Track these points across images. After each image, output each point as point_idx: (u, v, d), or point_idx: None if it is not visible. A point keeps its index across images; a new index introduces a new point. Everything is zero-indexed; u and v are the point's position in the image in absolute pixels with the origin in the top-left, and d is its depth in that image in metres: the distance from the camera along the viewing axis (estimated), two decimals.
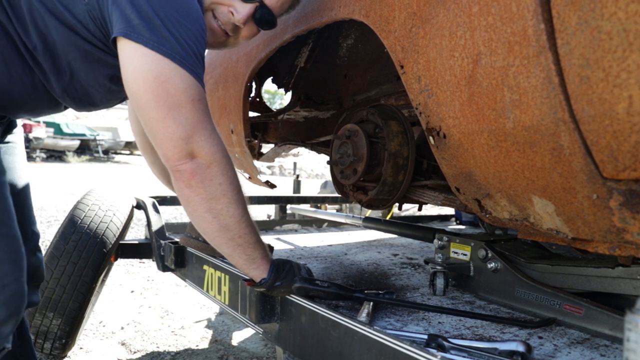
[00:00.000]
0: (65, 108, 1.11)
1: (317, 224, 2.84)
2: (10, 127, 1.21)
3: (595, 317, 0.97)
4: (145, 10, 0.82)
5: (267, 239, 2.18)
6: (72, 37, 0.92)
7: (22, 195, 1.23)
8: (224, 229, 0.95)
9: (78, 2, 0.90)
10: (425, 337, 0.90)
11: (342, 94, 2.05)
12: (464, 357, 0.84)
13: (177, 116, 0.84)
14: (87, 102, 1.07)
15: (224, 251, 0.99)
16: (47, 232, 4.49)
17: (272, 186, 2.14)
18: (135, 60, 0.84)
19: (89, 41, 0.93)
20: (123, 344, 2.22)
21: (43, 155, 17.22)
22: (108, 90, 1.04)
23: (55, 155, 18.14)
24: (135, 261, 3.68)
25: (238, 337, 2.34)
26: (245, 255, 1.00)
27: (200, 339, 2.31)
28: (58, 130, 17.86)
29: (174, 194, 2.06)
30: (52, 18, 0.90)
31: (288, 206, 3.12)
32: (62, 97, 1.03)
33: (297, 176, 4.20)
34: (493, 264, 1.19)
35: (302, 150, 2.37)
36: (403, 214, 4.06)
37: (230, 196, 0.93)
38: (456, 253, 1.33)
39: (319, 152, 2.12)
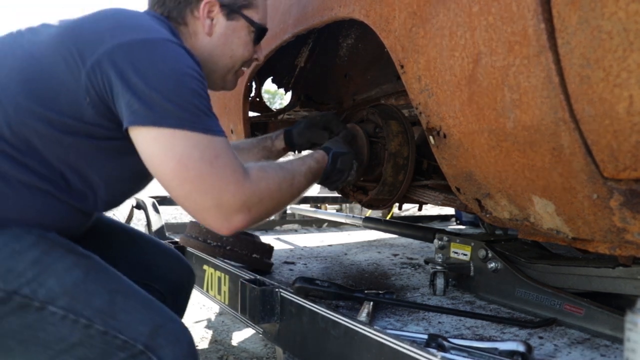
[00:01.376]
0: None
1: (317, 224, 2.84)
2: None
3: (595, 317, 0.97)
4: (141, 90, 0.79)
5: (267, 239, 2.18)
6: (93, 142, 0.88)
7: (122, 237, 1.21)
8: (291, 198, 1.01)
9: (82, 108, 0.84)
10: (426, 337, 0.90)
11: (342, 94, 2.04)
12: (464, 357, 0.83)
13: (202, 187, 0.83)
14: (123, 200, 1.05)
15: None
16: None
17: None
18: (148, 146, 0.82)
19: (109, 137, 0.88)
20: None
21: None
22: (145, 175, 0.99)
23: None
24: None
25: (238, 337, 2.33)
26: (309, 176, 1.07)
27: (200, 339, 2.31)
28: None
29: None
30: (69, 136, 0.85)
31: (288, 206, 3.12)
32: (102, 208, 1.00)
33: None
34: (493, 264, 1.19)
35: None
36: (403, 214, 4.06)
37: (278, 193, 0.94)
38: (456, 253, 1.33)
39: None
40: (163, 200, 2.35)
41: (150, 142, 0.81)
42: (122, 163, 0.93)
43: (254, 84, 1.93)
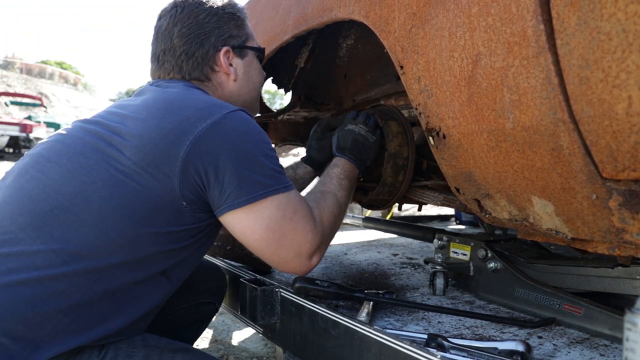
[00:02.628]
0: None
1: None
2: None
3: (594, 316, 0.98)
4: (231, 174, 0.86)
5: None
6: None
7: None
8: (343, 216, 1.11)
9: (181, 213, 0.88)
10: (425, 336, 0.90)
11: (342, 94, 2.04)
12: (463, 356, 0.84)
13: (285, 243, 0.92)
14: None
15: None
16: None
17: None
18: (240, 223, 0.90)
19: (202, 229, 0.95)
20: None
21: None
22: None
23: None
24: None
25: (238, 337, 2.34)
26: (349, 193, 1.14)
27: (200, 338, 2.32)
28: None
29: None
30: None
31: None
32: None
33: None
34: (493, 263, 1.20)
35: (302, 150, 2.37)
36: (403, 214, 4.06)
37: (335, 222, 1.04)
38: (456, 253, 1.33)
39: None
40: None
41: (242, 223, 0.90)
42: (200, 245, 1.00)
43: None
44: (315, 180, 1.25)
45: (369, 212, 3.65)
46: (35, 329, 0.79)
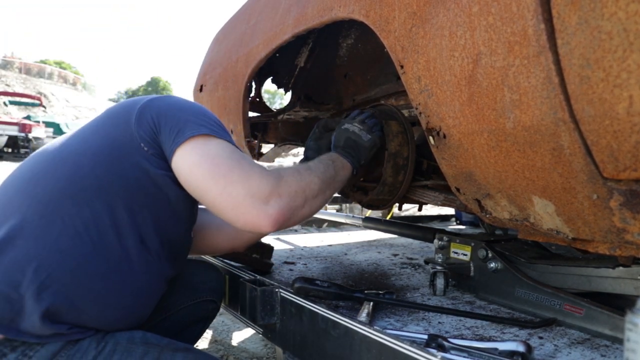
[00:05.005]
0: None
1: (317, 224, 2.83)
2: None
3: (595, 317, 0.97)
4: (178, 119, 0.97)
5: (267, 239, 2.18)
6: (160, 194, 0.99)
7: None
8: (325, 200, 1.10)
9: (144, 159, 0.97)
10: (425, 337, 0.90)
11: (342, 94, 2.04)
12: (464, 357, 0.83)
13: (232, 177, 0.92)
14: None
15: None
16: None
17: None
18: (187, 160, 0.94)
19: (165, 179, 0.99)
20: None
21: None
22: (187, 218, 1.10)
23: None
24: None
25: (238, 337, 2.33)
26: (334, 181, 1.12)
27: (200, 339, 2.31)
28: (57, 130, 17.85)
29: None
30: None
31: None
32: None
33: None
34: (493, 264, 1.19)
35: (302, 150, 2.36)
36: (403, 214, 4.06)
37: (309, 192, 1.02)
38: (456, 253, 1.33)
39: None
40: None
41: (188, 153, 0.93)
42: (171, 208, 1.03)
43: (253, 84, 1.93)
44: None
45: (369, 212, 3.65)
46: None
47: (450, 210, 3.24)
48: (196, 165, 0.92)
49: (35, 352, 0.84)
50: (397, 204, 1.60)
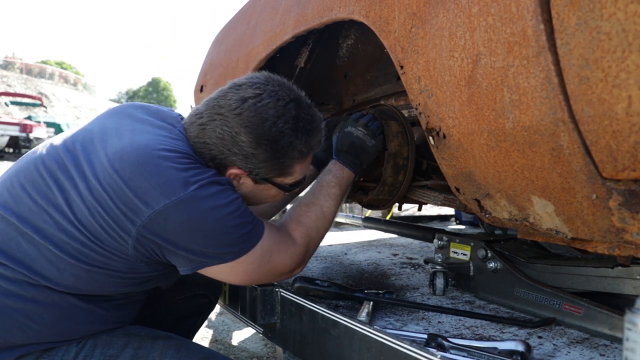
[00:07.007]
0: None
1: None
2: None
3: (594, 316, 0.98)
4: (193, 250, 0.87)
5: None
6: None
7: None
8: (329, 225, 1.12)
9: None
10: (425, 336, 0.90)
11: (342, 94, 2.04)
12: (463, 356, 0.84)
13: (264, 278, 0.99)
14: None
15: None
16: None
17: None
18: (217, 277, 0.95)
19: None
20: None
21: None
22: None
23: None
24: None
25: (238, 337, 2.34)
26: (340, 200, 1.14)
27: (201, 339, 2.31)
28: (59, 130, 17.84)
29: None
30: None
31: (288, 206, 3.11)
32: None
33: None
34: (493, 263, 1.20)
35: None
36: (403, 214, 4.06)
37: (318, 234, 1.07)
38: (456, 253, 1.33)
39: None
40: None
41: (215, 274, 0.93)
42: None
43: None
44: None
45: (369, 212, 3.65)
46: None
47: (449, 210, 3.24)
48: (227, 278, 0.96)
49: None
50: (397, 204, 1.60)
